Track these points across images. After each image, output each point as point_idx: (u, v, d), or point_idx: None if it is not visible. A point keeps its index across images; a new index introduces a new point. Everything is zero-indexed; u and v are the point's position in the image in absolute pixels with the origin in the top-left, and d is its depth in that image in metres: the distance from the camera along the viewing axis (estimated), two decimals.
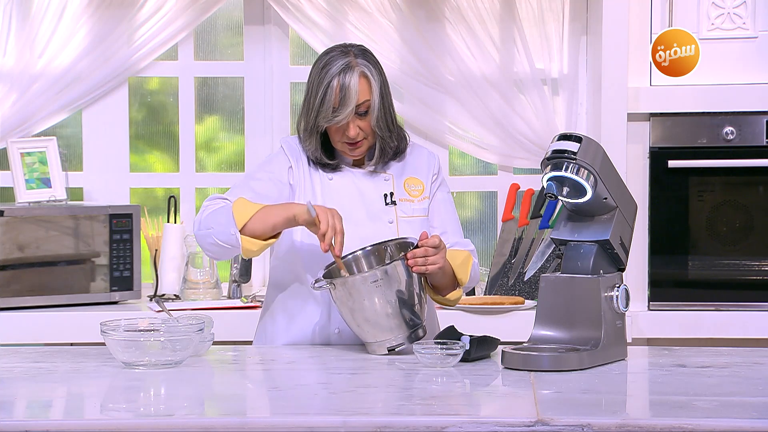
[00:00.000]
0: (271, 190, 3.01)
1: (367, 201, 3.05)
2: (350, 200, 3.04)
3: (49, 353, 3.01)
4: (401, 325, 2.87)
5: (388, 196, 3.07)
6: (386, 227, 3.04)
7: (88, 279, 4.01)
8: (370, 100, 3.00)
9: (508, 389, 2.62)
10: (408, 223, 3.06)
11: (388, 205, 3.06)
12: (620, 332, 2.84)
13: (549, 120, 4.28)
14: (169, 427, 2.28)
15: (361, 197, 3.05)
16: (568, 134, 2.83)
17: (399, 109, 4.35)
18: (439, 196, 3.13)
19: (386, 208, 3.06)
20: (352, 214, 3.01)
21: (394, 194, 3.07)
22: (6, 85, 4.25)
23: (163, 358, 2.74)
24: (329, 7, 4.29)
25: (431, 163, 3.13)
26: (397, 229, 3.05)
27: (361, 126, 3.00)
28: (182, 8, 4.29)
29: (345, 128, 2.99)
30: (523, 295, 4.14)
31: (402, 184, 3.09)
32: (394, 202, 3.07)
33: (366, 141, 3.03)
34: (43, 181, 4.21)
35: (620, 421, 2.26)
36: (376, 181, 3.07)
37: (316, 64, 3.04)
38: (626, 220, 2.88)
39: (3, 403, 2.46)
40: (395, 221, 3.06)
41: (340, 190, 3.05)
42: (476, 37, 4.28)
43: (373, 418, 2.29)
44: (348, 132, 2.99)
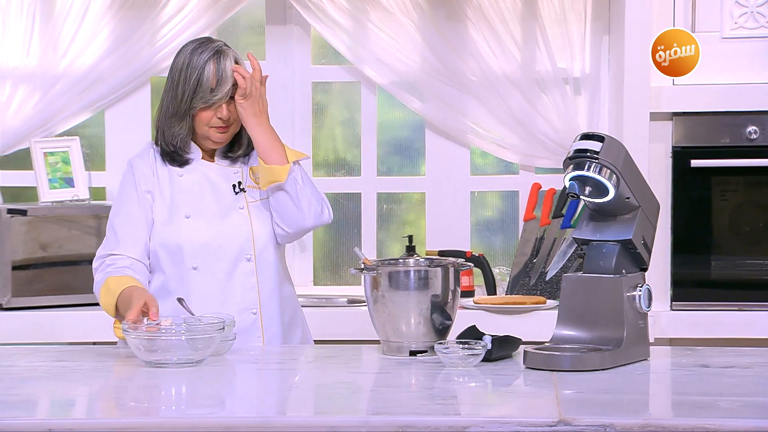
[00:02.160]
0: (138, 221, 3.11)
1: (218, 192, 3.13)
2: (201, 194, 3.12)
3: (71, 352, 3.02)
4: (429, 331, 2.88)
5: (236, 185, 3.14)
6: (238, 214, 3.11)
7: None
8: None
9: (529, 389, 2.62)
10: (257, 208, 3.13)
11: (237, 193, 3.12)
12: (642, 332, 2.83)
13: (571, 119, 4.27)
14: (190, 426, 2.28)
15: (213, 188, 3.12)
16: (591, 134, 2.83)
17: (420, 108, 4.35)
18: None
19: (236, 197, 3.13)
20: (204, 208, 3.10)
21: (243, 183, 3.15)
22: (29, 85, 4.27)
23: (185, 357, 2.75)
24: (351, 6, 4.30)
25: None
26: (249, 214, 3.11)
27: (230, 110, 3.09)
28: (204, 8, 4.30)
29: (218, 110, 3.07)
30: (544, 295, 4.14)
31: (248, 172, 3.17)
32: (243, 190, 3.14)
33: (232, 127, 3.12)
34: (65, 180, 4.23)
35: (643, 421, 2.25)
36: (226, 173, 3.14)
37: (182, 51, 3.13)
38: (649, 220, 2.87)
39: (26, 402, 2.47)
40: (245, 207, 3.12)
41: (192, 185, 3.12)
42: (498, 36, 4.27)
43: (394, 417, 2.29)
44: (221, 113, 3.07)
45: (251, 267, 3.09)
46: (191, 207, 3.11)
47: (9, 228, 3.98)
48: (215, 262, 3.08)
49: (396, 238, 4.46)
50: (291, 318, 3.19)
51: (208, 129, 3.10)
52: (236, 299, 3.08)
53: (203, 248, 3.08)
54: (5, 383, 2.62)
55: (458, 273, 2.93)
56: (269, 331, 3.12)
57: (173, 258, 3.09)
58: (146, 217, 3.12)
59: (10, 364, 2.81)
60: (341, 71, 4.43)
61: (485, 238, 4.47)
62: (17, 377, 2.68)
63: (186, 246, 3.08)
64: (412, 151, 4.50)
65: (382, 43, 4.30)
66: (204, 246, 3.08)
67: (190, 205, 3.11)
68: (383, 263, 2.96)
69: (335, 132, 4.52)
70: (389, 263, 3.00)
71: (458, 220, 4.42)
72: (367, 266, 2.91)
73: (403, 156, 4.51)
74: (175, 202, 3.11)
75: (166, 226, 3.10)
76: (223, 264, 3.08)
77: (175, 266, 3.09)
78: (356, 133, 4.47)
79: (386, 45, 4.30)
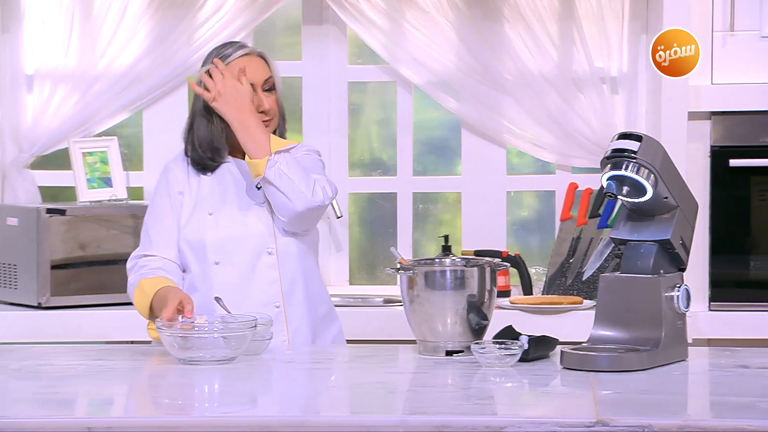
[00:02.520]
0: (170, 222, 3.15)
1: (241, 189, 3.15)
2: (226, 191, 3.14)
3: (109, 351, 3.05)
4: (465, 331, 2.87)
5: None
6: (259, 208, 3.13)
7: None
8: (273, 78, 3.17)
9: (567, 389, 2.61)
10: None
11: (259, 188, 3.13)
12: (681, 332, 2.82)
13: (608, 119, 4.25)
14: (226, 424, 2.29)
15: (237, 186, 3.15)
16: (628, 133, 2.82)
17: (456, 108, 4.35)
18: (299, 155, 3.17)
19: (258, 192, 3.13)
20: (227, 204, 3.13)
21: None
22: (68, 86, 4.30)
23: (218, 355, 2.76)
24: (387, 6, 4.30)
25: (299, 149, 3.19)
26: (269, 208, 3.12)
27: (270, 103, 3.15)
28: (241, 8, 4.32)
29: (257, 102, 3.12)
30: (581, 295, 4.12)
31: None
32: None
33: (272, 122, 3.17)
34: (104, 180, 4.25)
35: (681, 422, 2.24)
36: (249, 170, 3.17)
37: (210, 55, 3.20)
38: (687, 220, 2.85)
39: (65, 401, 2.49)
40: (266, 201, 3.12)
41: (217, 183, 3.16)
42: (534, 35, 4.26)
43: (431, 417, 2.29)
44: (262, 104, 3.13)
45: (273, 260, 3.11)
46: (215, 204, 3.14)
47: (48, 227, 4.01)
48: (237, 256, 3.10)
49: (432, 238, 4.46)
50: (323, 314, 3.19)
51: None
52: (259, 293, 3.10)
53: (225, 243, 3.10)
54: (44, 382, 2.65)
55: (495, 273, 2.93)
56: (293, 324, 3.12)
57: (197, 254, 3.12)
58: (177, 218, 3.15)
59: (48, 363, 2.84)
60: (377, 71, 4.43)
61: (521, 238, 4.46)
62: (56, 376, 2.70)
63: (208, 241, 3.11)
64: (448, 150, 4.49)
65: (418, 42, 4.30)
66: (225, 240, 3.11)
67: (214, 203, 3.14)
68: (420, 263, 2.96)
69: (371, 132, 4.52)
70: (426, 263, 3.00)
71: (494, 220, 4.41)
72: (404, 266, 2.91)
73: (439, 155, 4.51)
74: (200, 201, 3.15)
75: (190, 224, 3.13)
76: (244, 258, 3.10)
77: (199, 262, 3.12)
78: (392, 132, 4.47)
79: (422, 44, 4.30)
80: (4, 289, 4.12)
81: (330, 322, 3.23)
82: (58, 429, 2.27)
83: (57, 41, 4.29)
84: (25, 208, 4.08)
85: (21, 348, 3.11)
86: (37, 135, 4.30)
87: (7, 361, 2.86)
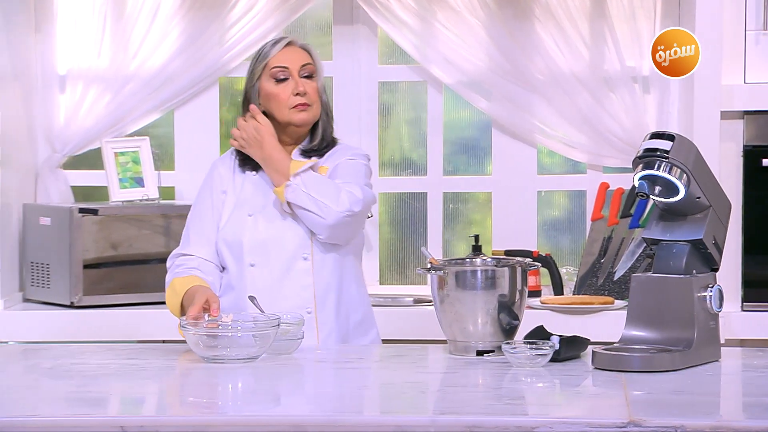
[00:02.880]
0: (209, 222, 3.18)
1: None
2: (267, 193, 3.14)
3: (141, 350, 3.06)
4: (496, 331, 2.87)
5: None
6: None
7: None
8: (313, 66, 3.17)
9: (598, 390, 2.60)
10: None
11: None
12: (713, 333, 2.80)
13: (639, 118, 4.24)
14: (257, 423, 2.30)
15: None
16: (661, 132, 2.80)
17: (487, 108, 4.34)
18: (346, 161, 3.18)
19: None
20: (267, 206, 3.13)
21: None
22: (100, 86, 4.32)
23: (242, 353, 2.76)
24: (418, 6, 4.29)
25: (346, 153, 3.20)
26: None
27: (308, 89, 3.14)
28: (272, 9, 4.33)
29: (292, 87, 3.13)
30: (612, 295, 4.10)
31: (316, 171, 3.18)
32: None
33: (312, 108, 3.15)
34: (136, 180, 4.27)
35: (714, 422, 2.23)
36: None
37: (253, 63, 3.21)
38: (720, 220, 2.84)
39: (98, 400, 2.50)
40: None
41: (259, 184, 3.16)
42: (566, 34, 4.25)
43: (462, 417, 2.29)
44: (296, 88, 3.13)
45: (308, 266, 3.11)
46: (255, 205, 3.15)
47: (80, 227, 4.04)
48: (272, 260, 3.11)
49: (462, 238, 4.45)
50: (358, 321, 3.18)
51: (289, 111, 3.13)
52: (291, 297, 3.11)
53: (261, 245, 3.11)
54: (77, 381, 2.66)
55: (525, 273, 2.92)
56: (324, 330, 3.13)
57: (234, 255, 3.13)
58: (218, 217, 3.16)
59: (82, 362, 2.85)
60: (408, 71, 4.43)
61: (552, 238, 4.45)
62: (89, 375, 2.72)
63: (246, 243, 3.12)
64: (478, 150, 4.49)
65: (449, 42, 4.30)
66: (262, 243, 3.11)
67: (254, 204, 3.15)
68: (450, 263, 2.95)
69: (401, 131, 4.52)
70: (456, 263, 2.99)
71: (525, 220, 4.40)
72: (434, 266, 2.90)
73: (470, 155, 4.50)
74: (241, 201, 3.16)
75: (229, 224, 3.15)
76: (279, 262, 3.11)
77: (236, 263, 3.13)
78: (422, 132, 4.47)
79: (453, 44, 4.30)
80: (37, 288, 4.14)
81: (365, 330, 3.21)
82: (91, 428, 2.28)
83: (89, 42, 4.31)
84: (58, 208, 4.11)
85: (54, 347, 3.13)
86: (70, 135, 4.32)
87: (39, 360, 2.87)
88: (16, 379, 2.71)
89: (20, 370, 2.81)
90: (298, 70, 3.15)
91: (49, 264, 4.09)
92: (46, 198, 4.29)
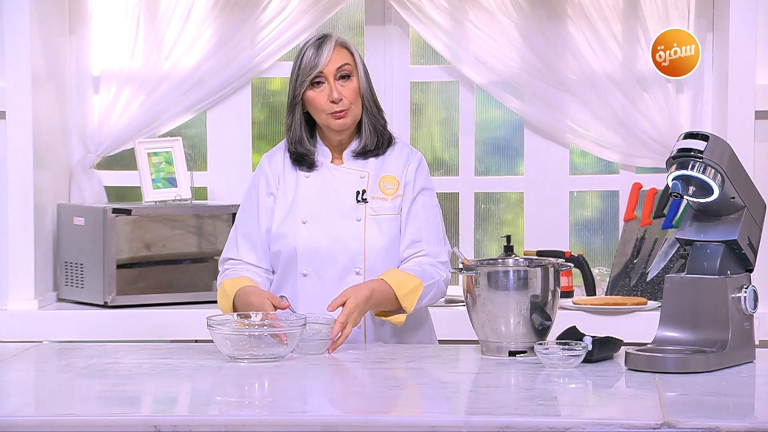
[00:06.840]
0: (257, 226, 3.11)
1: (339, 198, 3.08)
2: (321, 200, 3.08)
3: (174, 350, 3.07)
4: (529, 332, 2.86)
5: (360, 193, 3.09)
6: (354, 224, 3.07)
7: (212, 277, 4.08)
8: (351, 65, 3.06)
9: (632, 391, 2.59)
10: (376, 221, 3.08)
11: (359, 202, 3.08)
12: (748, 334, 2.79)
13: (673, 118, 4.22)
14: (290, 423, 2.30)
15: (334, 194, 3.08)
16: (695, 132, 2.79)
17: (519, 108, 4.33)
18: (420, 200, 3.12)
19: (356, 205, 3.08)
20: (322, 214, 3.07)
21: (367, 192, 3.09)
22: (134, 87, 4.35)
23: (268, 353, 2.77)
24: (450, 6, 4.29)
25: (411, 160, 3.13)
26: (364, 227, 3.07)
27: (344, 92, 3.04)
28: (304, 9, 4.34)
29: (328, 92, 3.03)
30: (645, 296, 4.09)
31: (377, 182, 3.11)
32: (365, 200, 3.08)
33: (350, 112, 3.05)
34: (169, 180, 4.29)
35: (749, 424, 2.22)
36: (351, 178, 3.09)
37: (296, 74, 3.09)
38: (754, 220, 2.82)
39: (132, 399, 2.51)
40: (363, 219, 3.07)
41: (314, 189, 3.09)
42: (598, 34, 4.24)
43: (495, 417, 2.29)
44: (331, 95, 3.02)
45: (359, 280, 3.06)
46: (309, 212, 3.08)
47: (114, 227, 4.06)
48: (325, 270, 3.07)
49: (494, 238, 4.45)
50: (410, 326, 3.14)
51: (326, 117, 3.06)
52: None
53: (315, 255, 3.07)
54: (111, 380, 2.67)
55: (558, 273, 2.91)
56: None
57: (287, 262, 3.09)
58: (267, 221, 3.11)
59: (115, 361, 2.87)
60: (440, 71, 4.43)
61: (584, 239, 4.44)
62: (123, 374, 2.73)
63: (300, 251, 3.07)
64: (510, 150, 4.48)
65: (481, 42, 4.29)
66: (316, 253, 3.07)
67: (309, 211, 3.08)
68: (482, 263, 2.95)
69: (433, 132, 4.52)
70: (488, 263, 2.99)
71: (557, 220, 4.38)
72: (467, 266, 2.90)
73: (502, 155, 4.50)
74: (295, 206, 3.10)
75: (283, 230, 3.09)
76: (332, 273, 3.07)
77: (288, 270, 3.09)
78: (454, 132, 4.47)
79: (485, 44, 4.29)
80: (71, 288, 4.17)
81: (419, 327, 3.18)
82: (124, 427, 2.30)
83: (123, 43, 4.34)
84: (92, 208, 4.14)
85: (87, 346, 3.14)
86: (103, 135, 4.35)
87: (74, 360, 2.89)
88: (51, 378, 2.73)
89: (54, 369, 2.83)
90: (333, 73, 3.05)
91: (83, 264, 4.12)
92: (80, 198, 4.32)
